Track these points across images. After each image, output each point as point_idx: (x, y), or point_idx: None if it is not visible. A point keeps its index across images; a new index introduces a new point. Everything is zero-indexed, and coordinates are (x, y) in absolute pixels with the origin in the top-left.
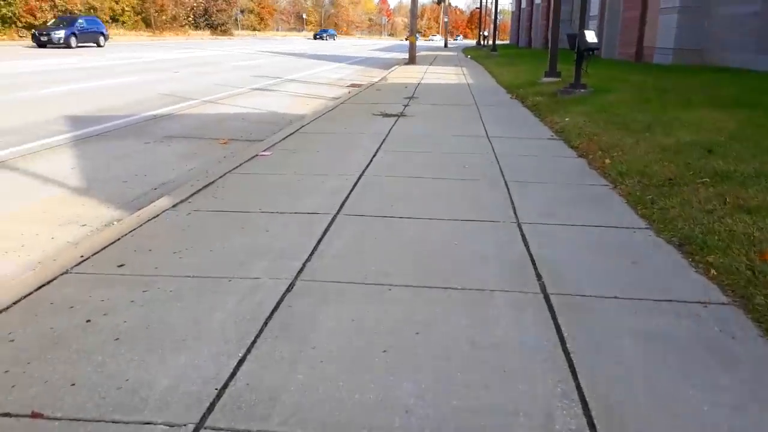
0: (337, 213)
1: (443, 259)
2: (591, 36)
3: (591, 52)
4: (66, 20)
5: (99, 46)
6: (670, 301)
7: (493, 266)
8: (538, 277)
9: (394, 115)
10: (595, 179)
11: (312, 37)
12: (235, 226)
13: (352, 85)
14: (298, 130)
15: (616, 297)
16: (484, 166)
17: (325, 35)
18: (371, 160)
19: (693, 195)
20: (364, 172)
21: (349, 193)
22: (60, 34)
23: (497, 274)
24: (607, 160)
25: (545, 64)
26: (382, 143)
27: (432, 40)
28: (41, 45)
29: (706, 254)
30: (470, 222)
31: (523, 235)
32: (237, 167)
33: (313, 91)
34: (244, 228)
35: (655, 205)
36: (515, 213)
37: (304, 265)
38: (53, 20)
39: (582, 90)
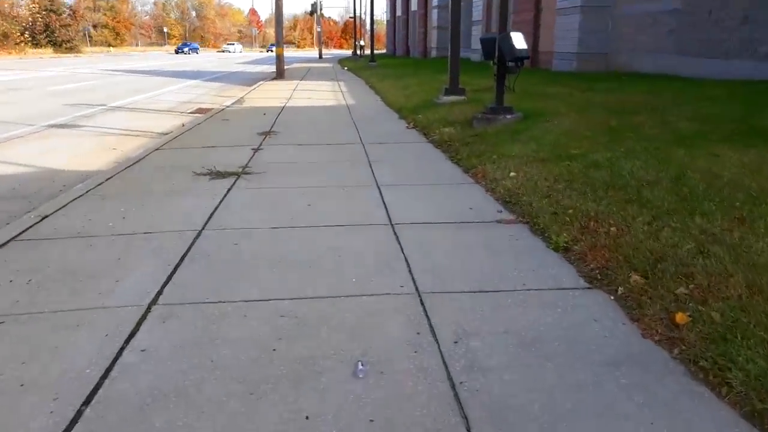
0: None
1: None
2: (519, 41)
3: (520, 64)
4: None
5: None
6: None
7: None
8: None
9: (231, 174)
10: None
11: (174, 52)
12: None
13: (198, 111)
14: (24, 231)
15: None
16: (402, 339)
17: (186, 49)
18: (113, 362)
19: None
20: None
21: None
22: None
23: None
24: (683, 317)
25: (436, 75)
26: (172, 273)
27: (271, 50)
28: None
29: None
30: None
31: None
32: None
33: (137, 125)
34: None
35: None
36: None
37: None
38: None
39: (508, 115)
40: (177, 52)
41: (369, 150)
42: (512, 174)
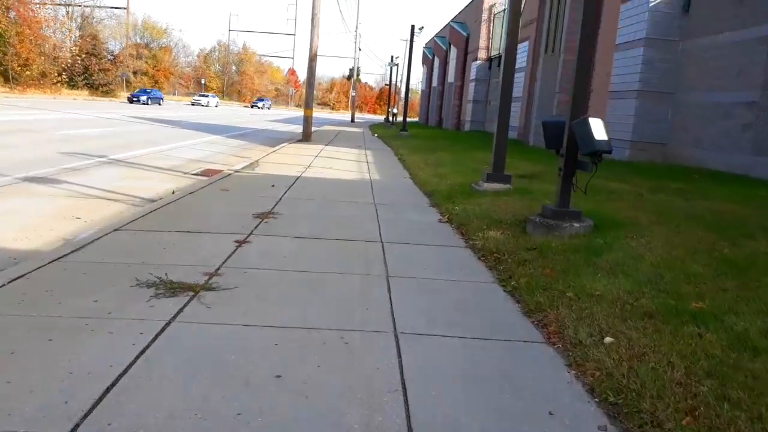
0: None
1: None
2: (599, 129)
3: (598, 159)
4: None
5: None
6: None
7: None
8: None
9: (186, 290)
10: None
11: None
12: None
13: (204, 173)
14: None
15: None
16: None
17: (144, 97)
18: None
19: None
20: None
21: None
22: None
23: None
24: None
25: (472, 153)
26: None
27: (203, 100)
28: None
29: None
30: None
31: None
32: None
33: (125, 186)
34: None
35: None
36: None
37: None
38: None
39: (576, 223)
40: (130, 101)
41: (389, 254)
42: (608, 340)
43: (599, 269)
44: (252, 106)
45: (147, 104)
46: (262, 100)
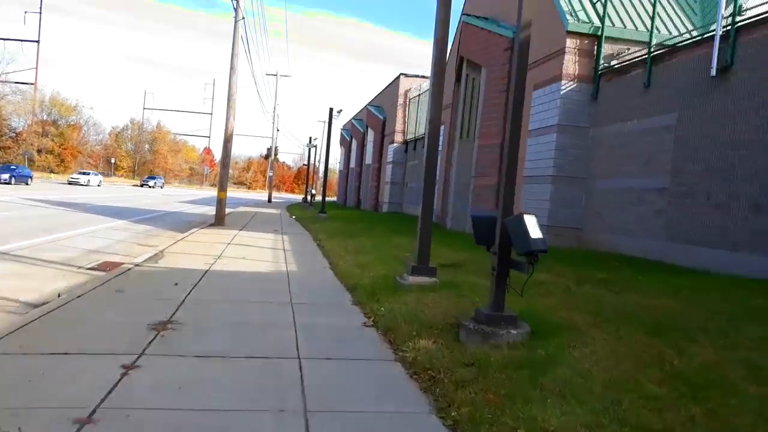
0: None
1: None
2: (534, 227)
3: (534, 259)
4: None
5: None
6: None
7: None
8: None
9: None
10: None
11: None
12: None
13: (101, 266)
14: None
15: None
16: None
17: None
18: None
19: None
20: None
21: None
22: None
23: None
24: None
25: (393, 237)
26: None
27: (82, 179)
28: None
29: None
30: None
31: None
32: None
33: (6, 285)
34: None
35: None
36: None
37: None
38: None
39: (512, 329)
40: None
41: (309, 377)
42: None
43: (548, 392)
44: (142, 185)
45: (10, 183)
46: (153, 177)
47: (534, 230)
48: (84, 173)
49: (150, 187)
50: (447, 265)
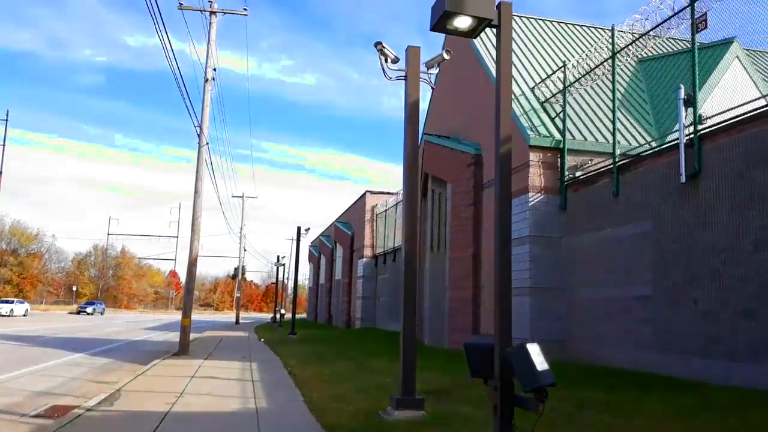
0: None
1: None
2: (540, 357)
3: (544, 395)
4: None
5: None
6: None
7: None
8: None
9: None
10: None
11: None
12: None
13: (49, 413)
14: None
15: None
16: None
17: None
18: None
19: None
20: None
21: None
22: None
23: None
24: None
25: (370, 360)
26: None
27: (84, 310)
28: None
29: None
30: None
31: None
32: None
33: None
34: None
35: None
36: None
37: None
38: None
39: None
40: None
41: None
42: None
43: None
44: (79, 312)
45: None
46: (92, 303)
47: (540, 362)
48: (6, 301)
49: (88, 314)
50: (432, 391)
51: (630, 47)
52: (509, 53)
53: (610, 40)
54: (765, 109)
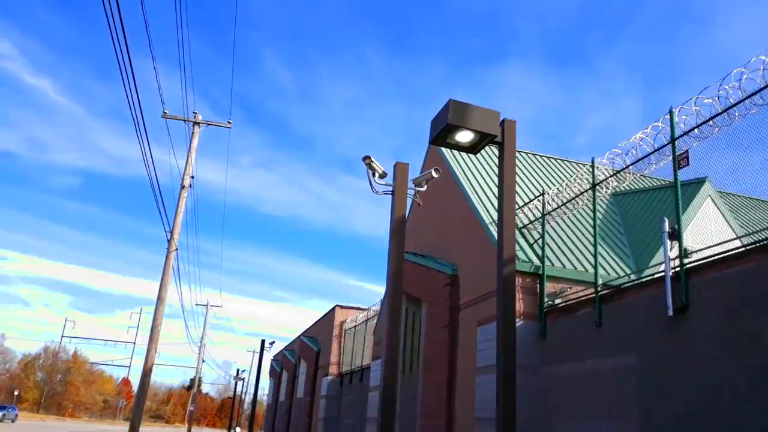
0: None
1: None
2: None
3: None
4: None
5: None
6: None
7: None
8: None
9: None
10: None
11: None
12: None
13: None
14: None
15: None
16: None
17: None
18: None
19: None
20: None
21: None
22: None
23: None
24: None
25: None
26: None
27: None
28: None
29: None
30: None
31: None
32: None
33: None
34: None
35: None
36: None
37: None
38: None
39: None
40: None
41: None
42: None
43: None
44: None
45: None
46: (2, 408)
47: None
48: None
49: None
50: None
51: (609, 180)
52: (513, 171)
53: (588, 172)
54: (752, 247)
